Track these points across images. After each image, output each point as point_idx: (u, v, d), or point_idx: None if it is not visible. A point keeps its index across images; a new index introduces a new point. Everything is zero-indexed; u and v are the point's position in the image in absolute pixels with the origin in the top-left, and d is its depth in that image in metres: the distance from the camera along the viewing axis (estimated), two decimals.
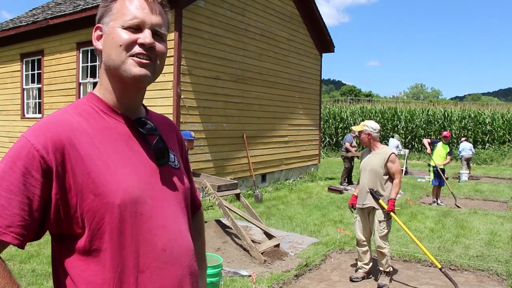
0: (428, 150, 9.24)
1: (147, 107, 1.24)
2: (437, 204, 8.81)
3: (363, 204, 4.42)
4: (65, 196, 0.98)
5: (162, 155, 1.11)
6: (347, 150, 11.57)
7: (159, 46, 1.09)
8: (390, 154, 4.35)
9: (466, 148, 14.11)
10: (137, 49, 1.05)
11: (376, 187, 4.34)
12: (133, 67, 1.05)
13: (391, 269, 4.44)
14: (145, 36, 1.05)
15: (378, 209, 4.33)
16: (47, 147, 0.97)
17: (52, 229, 1.02)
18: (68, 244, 1.02)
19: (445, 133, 9.03)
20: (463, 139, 14.82)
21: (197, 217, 1.42)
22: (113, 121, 1.09)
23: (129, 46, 1.05)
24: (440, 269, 4.11)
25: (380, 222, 4.33)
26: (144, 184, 1.06)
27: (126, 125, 1.10)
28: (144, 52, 1.05)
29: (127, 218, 1.01)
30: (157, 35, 1.09)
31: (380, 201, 4.29)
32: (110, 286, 1.00)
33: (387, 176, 4.37)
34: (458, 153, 14.45)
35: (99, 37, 1.11)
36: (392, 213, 4.29)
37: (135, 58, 1.05)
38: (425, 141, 9.52)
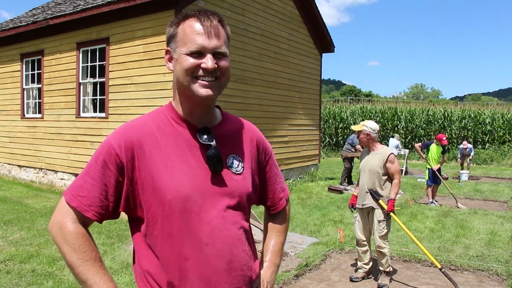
0: (422, 155, 9.22)
1: (224, 112, 1.40)
2: (434, 204, 8.81)
3: (363, 205, 4.42)
4: (133, 187, 1.22)
5: (214, 163, 1.24)
6: (356, 150, 11.54)
7: (221, 63, 1.23)
8: (389, 155, 4.35)
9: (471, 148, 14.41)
10: (201, 72, 1.21)
11: (375, 187, 4.35)
12: (199, 89, 1.22)
13: (391, 269, 4.45)
14: (207, 61, 1.20)
15: (377, 209, 4.33)
16: (121, 146, 1.21)
17: (126, 212, 1.27)
18: (137, 225, 1.27)
19: (444, 138, 8.80)
20: (465, 143, 14.74)
21: (276, 217, 1.54)
22: (181, 129, 1.28)
23: (193, 70, 1.21)
24: (440, 269, 4.11)
25: (379, 222, 4.33)
26: (197, 185, 1.22)
27: (191, 132, 1.27)
28: (207, 75, 1.21)
29: (176, 212, 1.20)
30: (219, 54, 1.23)
31: (380, 201, 4.29)
32: (159, 266, 1.22)
33: (386, 177, 4.37)
34: (471, 155, 14.62)
35: (170, 59, 1.30)
36: (392, 213, 4.29)
37: (200, 81, 1.21)
38: (417, 146, 9.47)
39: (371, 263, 4.57)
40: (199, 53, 1.20)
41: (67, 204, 1.20)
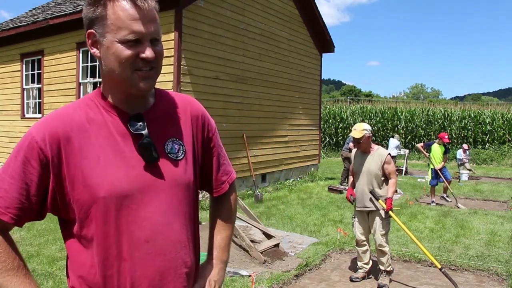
0: (425, 154, 9.23)
1: (158, 89, 1.25)
2: (436, 204, 8.81)
3: (364, 207, 4.42)
4: (61, 184, 1.08)
5: (147, 154, 1.12)
6: (351, 150, 11.53)
7: (157, 50, 1.12)
8: (387, 156, 4.37)
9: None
10: (140, 63, 1.09)
11: (374, 189, 4.36)
12: (139, 82, 1.10)
13: (392, 268, 4.45)
14: (147, 50, 1.08)
15: (378, 210, 4.34)
16: (45, 139, 1.07)
17: (54, 213, 1.13)
18: (68, 227, 1.13)
19: (445, 137, 8.81)
20: (465, 145, 14.73)
21: (221, 205, 1.39)
22: (111, 118, 1.14)
23: (132, 62, 1.08)
24: (440, 269, 4.11)
25: (380, 221, 4.34)
26: (133, 178, 1.11)
27: (123, 121, 1.14)
28: (147, 65, 1.10)
29: (111, 210, 1.08)
30: (155, 40, 1.12)
31: (380, 200, 4.30)
32: (96, 270, 1.09)
33: (384, 178, 4.40)
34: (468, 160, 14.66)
35: (94, 43, 1.13)
36: (390, 212, 4.30)
37: (140, 73, 1.10)
38: (419, 146, 9.47)
39: (371, 263, 4.57)
40: (135, 41, 1.07)
41: None
